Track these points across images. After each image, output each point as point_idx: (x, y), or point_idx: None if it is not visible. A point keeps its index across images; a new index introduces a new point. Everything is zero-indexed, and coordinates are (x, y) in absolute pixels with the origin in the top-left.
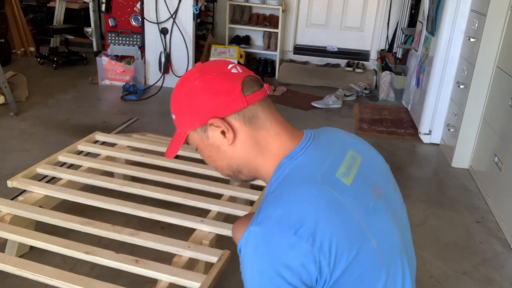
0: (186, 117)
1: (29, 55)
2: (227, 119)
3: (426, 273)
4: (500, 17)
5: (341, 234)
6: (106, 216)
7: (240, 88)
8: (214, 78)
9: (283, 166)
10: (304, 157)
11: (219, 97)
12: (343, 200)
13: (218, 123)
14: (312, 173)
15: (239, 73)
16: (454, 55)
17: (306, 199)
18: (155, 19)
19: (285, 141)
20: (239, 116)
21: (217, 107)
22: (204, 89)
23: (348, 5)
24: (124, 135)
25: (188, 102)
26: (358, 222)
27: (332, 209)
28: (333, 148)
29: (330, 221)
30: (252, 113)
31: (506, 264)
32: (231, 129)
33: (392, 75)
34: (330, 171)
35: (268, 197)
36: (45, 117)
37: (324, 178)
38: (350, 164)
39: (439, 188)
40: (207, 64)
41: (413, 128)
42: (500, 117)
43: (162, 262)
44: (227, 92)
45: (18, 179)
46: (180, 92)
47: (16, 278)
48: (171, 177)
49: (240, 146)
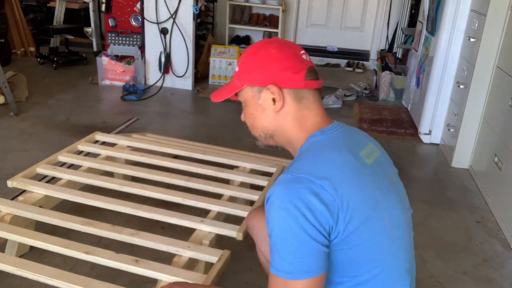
0: (250, 74)
1: (29, 55)
2: (283, 90)
3: (426, 273)
4: (500, 17)
5: (359, 196)
6: (106, 216)
7: (305, 72)
8: (289, 55)
9: (315, 136)
10: (333, 134)
11: (287, 71)
12: (363, 171)
13: (275, 90)
14: (340, 145)
15: (307, 61)
16: (454, 55)
17: (333, 161)
18: (155, 19)
19: (320, 121)
20: (294, 93)
21: (282, 78)
22: (278, 59)
23: (348, 5)
24: (124, 135)
25: (260, 63)
26: (374, 193)
27: (354, 174)
28: (356, 137)
29: (351, 183)
30: (304, 95)
31: (506, 264)
32: (283, 99)
33: (392, 75)
34: (355, 149)
35: (299, 156)
36: (45, 117)
37: (350, 151)
38: (370, 152)
39: (439, 188)
40: (285, 42)
41: (413, 128)
42: (500, 117)
43: (162, 262)
44: (296, 71)
45: (18, 179)
46: (256, 53)
47: (16, 278)
48: (171, 177)
49: (283, 116)
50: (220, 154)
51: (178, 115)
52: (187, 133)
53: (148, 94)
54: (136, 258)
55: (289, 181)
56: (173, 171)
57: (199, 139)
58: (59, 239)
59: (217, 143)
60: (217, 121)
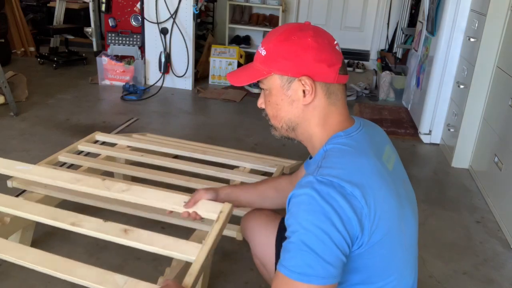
0: (281, 61)
1: (29, 55)
2: (316, 83)
3: (426, 273)
4: (500, 17)
5: (384, 207)
6: (106, 216)
7: (340, 66)
8: (326, 45)
9: (338, 138)
10: (358, 136)
11: (322, 63)
12: (388, 178)
13: (307, 82)
14: (367, 149)
15: (340, 53)
16: (454, 55)
17: (363, 168)
18: (155, 19)
19: (343, 121)
20: (325, 86)
21: (316, 70)
22: (314, 49)
23: (348, 5)
24: (124, 135)
25: (294, 51)
26: (395, 204)
27: (382, 184)
28: (376, 138)
29: (380, 193)
30: (334, 90)
31: (506, 264)
32: (314, 93)
33: (392, 75)
34: (378, 154)
35: (325, 158)
36: (45, 117)
37: (376, 156)
38: (389, 156)
39: (439, 188)
40: (319, 29)
41: (413, 128)
42: (500, 117)
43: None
44: (331, 63)
45: (18, 179)
46: (288, 39)
47: (16, 278)
48: (171, 177)
49: (311, 110)
50: (220, 154)
51: (178, 115)
52: (187, 133)
53: (148, 94)
54: (126, 227)
55: (320, 184)
56: (173, 171)
57: (199, 139)
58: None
59: (217, 143)
60: (217, 121)
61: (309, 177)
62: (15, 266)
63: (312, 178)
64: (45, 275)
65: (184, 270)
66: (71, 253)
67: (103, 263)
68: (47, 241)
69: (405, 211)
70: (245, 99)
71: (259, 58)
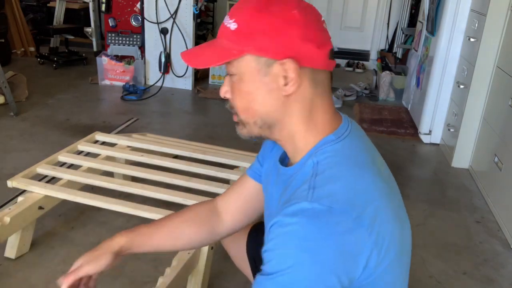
0: (259, 37)
1: (29, 55)
2: (302, 69)
3: (426, 273)
4: (500, 17)
5: (394, 231)
6: (106, 216)
7: (331, 48)
8: (314, 21)
9: (329, 143)
10: (350, 138)
11: (310, 43)
12: (389, 190)
13: (292, 67)
14: (363, 158)
15: (328, 33)
16: (454, 55)
17: (368, 187)
18: (155, 19)
19: (331, 118)
20: (312, 73)
21: (303, 51)
22: (301, 24)
23: (348, 5)
24: (124, 135)
25: (275, 25)
26: (401, 223)
27: (388, 198)
28: (363, 135)
29: (387, 211)
30: (323, 78)
31: (506, 264)
32: (299, 81)
33: (392, 75)
34: (373, 159)
35: (321, 176)
36: (45, 117)
37: (373, 163)
38: (380, 161)
39: (439, 188)
40: (304, 1)
41: (413, 128)
42: (500, 117)
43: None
44: (320, 44)
45: (18, 179)
46: (268, 7)
47: (16, 278)
48: (171, 177)
49: (293, 102)
50: (220, 154)
51: (178, 115)
52: (187, 133)
53: (148, 94)
54: None
55: (317, 214)
56: (173, 171)
57: (199, 139)
58: None
59: (217, 143)
60: (217, 121)
61: (301, 203)
62: (15, 266)
63: (307, 204)
64: (45, 275)
65: (185, 269)
66: (71, 253)
67: None
68: (47, 241)
69: (406, 227)
70: None
71: (226, 33)
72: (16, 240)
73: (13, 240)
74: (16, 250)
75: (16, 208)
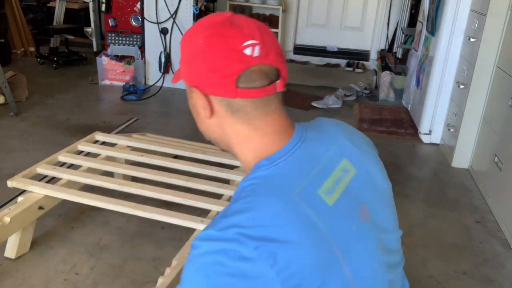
0: (181, 65)
1: (29, 55)
2: (210, 97)
3: (426, 273)
4: (500, 17)
5: (307, 261)
6: (106, 216)
7: (237, 77)
8: (220, 50)
9: (261, 168)
10: (286, 163)
11: (213, 73)
12: (319, 222)
13: (198, 94)
14: (290, 186)
15: (251, 57)
16: (454, 55)
17: (276, 214)
18: (155, 19)
19: (269, 142)
20: (224, 102)
21: (207, 81)
22: (203, 55)
23: (348, 5)
24: (124, 135)
25: (187, 54)
26: (332, 249)
27: (304, 231)
28: (324, 155)
29: (299, 245)
30: (239, 107)
31: (506, 264)
32: (209, 108)
33: (392, 75)
34: (312, 187)
35: (237, 202)
36: (45, 117)
37: (303, 194)
38: (338, 179)
39: (439, 188)
40: (226, 28)
41: (413, 128)
42: (500, 117)
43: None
44: (222, 75)
45: (18, 179)
46: (186, 38)
47: (16, 278)
48: (171, 177)
49: (217, 126)
50: (220, 154)
51: (178, 115)
52: (187, 133)
53: (148, 94)
54: None
55: (217, 243)
56: (173, 171)
57: (199, 139)
58: None
59: None
60: None
61: (208, 230)
62: (15, 266)
63: (211, 231)
64: (45, 275)
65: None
66: (71, 253)
67: (103, 263)
68: (47, 241)
69: (358, 251)
70: None
71: None
72: (16, 240)
73: (13, 240)
74: (16, 250)
75: (16, 208)
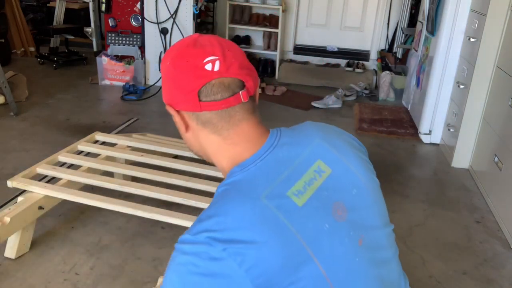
0: (162, 81)
1: (29, 55)
2: (182, 113)
3: (426, 273)
4: (500, 17)
5: (275, 259)
6: (106, 216)
7: (197, 91)
8: (183, 68)
9: (233, 175)
10: (256, 168)
11: (177, 90)
12: (287, 222)
13: (173, 111)
14: (258, 189)
15: (211, 72)
16: (454, 55)
17: (244, 217)
18: (155, 19)
19: (241, 151)
20: (193, 116)
21: (175, 98)
22: (169, 76)
23: (348, 5)
24: (124, 135)
25: (162, 76)
26: (302, 247)
27: (270, 231)
28: (297, 158)
29: (265, 244)
30: (206, 119)
31: (506, 264)
32: (183, 122)
33: (392, 75)
34: (282, 188)
35: (210, 208)
36: (45, 117)
37: (271, 196)
38: (310, 180)
39: (439, 188)
40: (188, 49)
41: (413, 128)
42: (500, 117)
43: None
44: (186, 91)
45: (18, 179)
46: (161, 62)
47: (16, 278)
48: (171, 177)
49: (194, 139)
50: None
51: None
52: None
53: (148, 94)
54: None
55: (189, 243)
56: (173, 171)
57: None
58: None
59: None
60: None
61: (185, 234)
62: (15, 266)
63: (187, 236)
64: (45, 275)
65: None
66: (71, 253)
67: (103, 263)
68: (47, 241)
69: (331, 248)
70: None
71: None
72: (16, 240)
73: (13, 240)
74: (16, 250)
75: (16, 208)
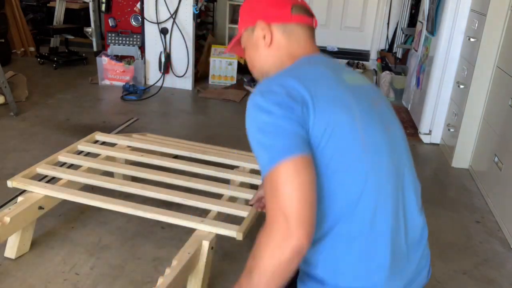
0: (243, 18)
1: (29, 55)
2: (272, 26)
3: None
4: (500, 17)
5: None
6: (106, 216)
7: (291, 7)
8: None
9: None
10: (320, 57)
11: (272, 7)
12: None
13: (263, 25)
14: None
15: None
16: (454, 55)
17: (306, 70)
18: (155, 19)
19: (309, 53)
20: (281, 28)
21: (267, 14)
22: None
23: (348, 5)
24: (124, 135)
25: (249, 6)
26: (349, 103)
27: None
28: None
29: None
30: (292, 30)
31: (506, 264)
32: (271, 34)
33: (392, 75)
34: (339, 70)
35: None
36: (45, 117)
37: (330, 67)
38: (356, 78)
39: (439, 188)
40: None
41: (413, 128)
42: (500, 117)
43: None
44: (280, 7)
45: (18, 179)
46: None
47: (16, 278)
48: (171, 177)
49: (274, 51)
50: (220, 154)
51: (178, 115)
52: (187, 133)
53: (148, 94)
54: None
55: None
56: (173, 171)
57: (199, 139)
58: None
59: (217, 143)
60: (217, 121)
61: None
62: (15, 266)
63: (252, 95)
64: (45, 275)
65: (185, 269)
66: (71, 253)
67: (103, 263)
68: (47, 241)
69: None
70: (245, 99)
71: (238, 27)
72: (16, 240)
73: (13, 240)
74: (16, 250)
75: (16, 208)
